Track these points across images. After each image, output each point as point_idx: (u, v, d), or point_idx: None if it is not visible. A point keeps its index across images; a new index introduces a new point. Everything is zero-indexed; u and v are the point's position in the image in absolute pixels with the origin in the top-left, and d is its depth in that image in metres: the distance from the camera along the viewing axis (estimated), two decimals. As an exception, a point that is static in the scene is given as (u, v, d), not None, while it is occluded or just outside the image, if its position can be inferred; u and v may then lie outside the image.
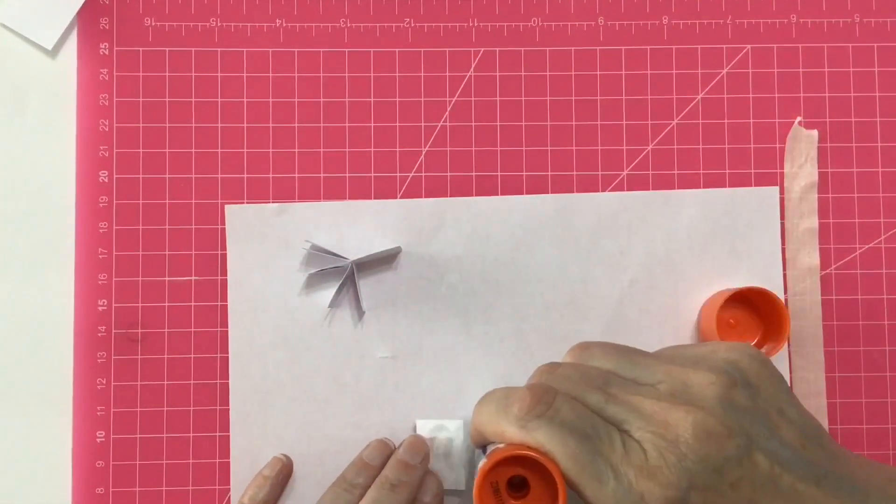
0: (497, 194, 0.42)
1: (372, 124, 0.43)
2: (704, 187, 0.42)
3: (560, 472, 0.29)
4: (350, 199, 0.42)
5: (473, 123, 0.43)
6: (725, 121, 0.43)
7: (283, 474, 0.40)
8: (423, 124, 0.43)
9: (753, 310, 0.41)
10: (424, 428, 0.40)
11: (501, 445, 0.31)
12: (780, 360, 0.41)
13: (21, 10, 0.42)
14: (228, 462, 0.41)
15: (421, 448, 0.39)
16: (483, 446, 0.34)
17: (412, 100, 0.43)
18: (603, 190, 0.42)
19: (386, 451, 0.40)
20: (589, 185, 0.42)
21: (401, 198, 0.42)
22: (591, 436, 0.29)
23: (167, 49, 0.42)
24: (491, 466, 0.30)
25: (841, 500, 0.29)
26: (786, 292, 0.42)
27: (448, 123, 0.43)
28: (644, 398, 0.30)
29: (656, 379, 0.31)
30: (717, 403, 0.29)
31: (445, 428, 0.40)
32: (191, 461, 0.41)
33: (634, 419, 0.30)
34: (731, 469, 0.28)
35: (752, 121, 0.43)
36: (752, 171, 0.43)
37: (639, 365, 0.32)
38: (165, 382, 0.41)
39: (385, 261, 0.42)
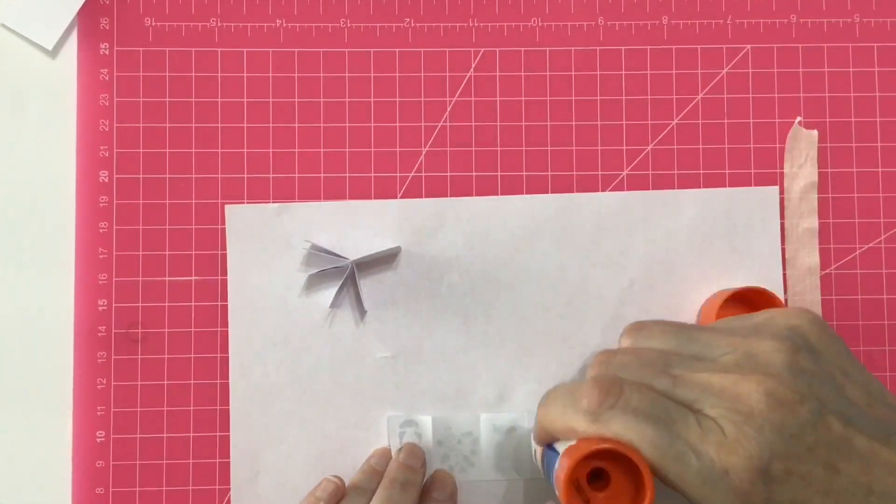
0: (497, 194, 0.42)
1: (372, 124, 0.43)
2: (704, 187, 0.42)
3: (644, 460, 0.29)
4: (350, 199, 0.42)
5: (473, 123, 0.43)
6: (725, 121, 0.43)
7: (336, 497, 0.38)
8: (423, 124, 0.43)
9: (753, 309, 0.41)
10: (395, 422, 0.41)
11: (573, 442, 0.31)
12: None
13: (21, 10, 0.42)
14: (228, 462, 0.41)
15: (420, 453, 0.40)
16: (549, 444, 0.34)
17: (412, 100, 0.43)
18: (603, 190, 0.42)
19: (389, 457, 0.40)
20: (589, 185, 0.42)
21: (401, 198, 0.42)
22: (665, 420, 0.29)
23: (167, 49, 0.42)
24: (573, 464, 0.30)
25: None
26: (786, 292, 0.42)
27: (448, 123, 0.43)
28: (711, 374, 0.30)
29: (720, 352, 0.31)
30: (786, 370, 0.30)
31: (415, 423, 0.40)
32: (191, 461, 0.41)
33: (706, 397, 0.30)
34: (808, 433, 0.29)
35: (752, 121, 0.43)
36: (752, 171, 0.43)
37: (698, 341, 0.32)
38: (165, 382, 0.41)
39: (385, 261, 0.42)
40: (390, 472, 0.38)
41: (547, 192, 0.42)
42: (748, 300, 0.40)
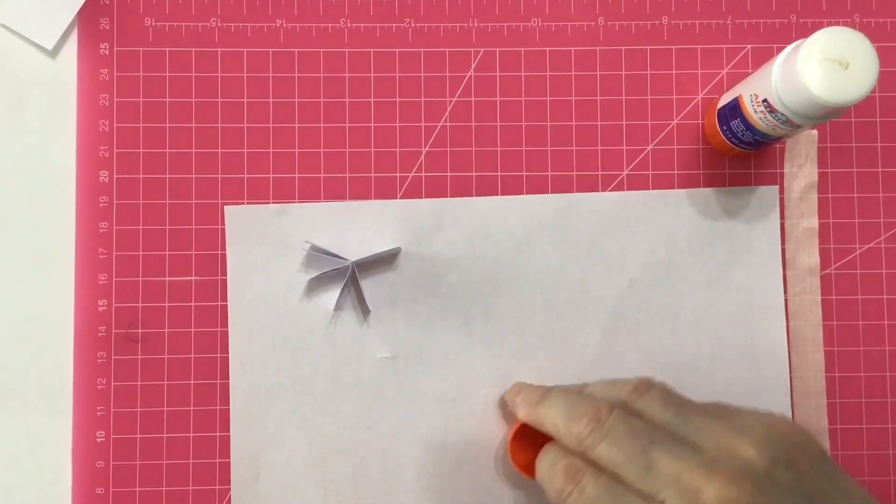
0: (497, 194, 0.42)
1: (372, 124, 0.43)
2: (704, 187, 0.42)
3: None
4: (350, 199, 0.42)
5: (473, 123, 0.43)
6: (725, 121, 0.43)
7: None
8: (423, 124, 0.43)
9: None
10: None
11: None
12: (779, 362, 0.42)
13: (21, 10, 0.42)
14: (228, 462, 0.41)
15: None
16: None
17: (412, 100, 0.43)
18: (603, 190, 0.42)
19: None
20: (589, 185, 0.42)
21: (401, 198, 0.42)
22: None
23: (167, 49, 0.42)
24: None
25: None
26: (785, 292, 0.42)
27: (448, 123, 0.43)
28: (684, 467, 0.30)
29: (703, 443, 0.32)
30: (758, 478, 0.30)
31: None
32: (191, 461, 0.41)
33: (669, 490, 0.30)
34: None
35: (752, 121, 0.43)
36: (752, 171, 0.43)
37: (691, 424, 0.33)
38: (165, 382, 0.41)
39: (385, 261, 0.42)
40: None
41: (547, 192, 0.42)
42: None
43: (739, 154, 0.41)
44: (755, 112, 0.37)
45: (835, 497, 0.31)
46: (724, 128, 0.40)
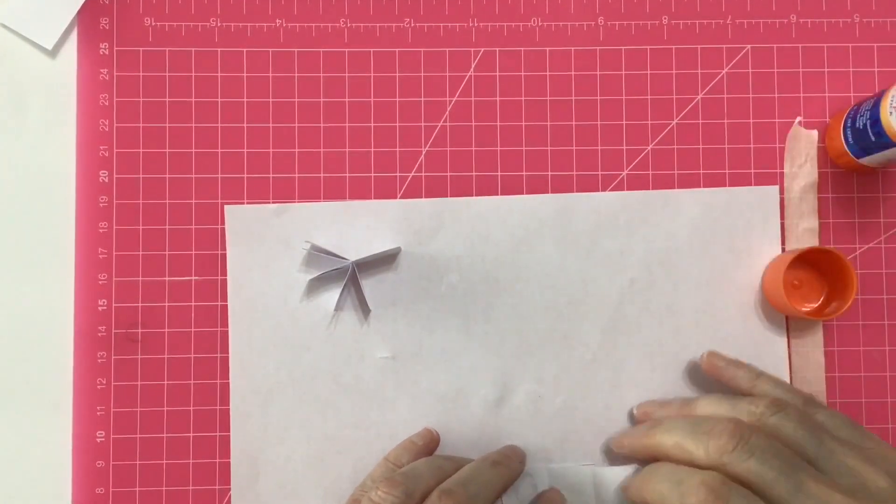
0: (497, 194, 0.42)
1: (372, 124, 0.43)
2: (704, 187, 0.42)
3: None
4: (350, 199, 0.42)
5: (473, 123, 0.43)
6: (725, 121, 0.43)
7: (431, 447, 0.40)
8: (423, 124, 0.43)
9: (817, 271, 0.41)
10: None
11: None
12: (779, 361, 0.41)
13: (21, 10, 0.42)
14: (228, 462, 0.41)
15: (521, 452, 0.40)
16: None
17: (412, 100, 0.43)
18: (603, 190, 0.42)
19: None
20: (589, 185, 0.42)
21: (401, 198, 0.42)
22: None
23: (167, 49, 0.42)
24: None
25: None
26: (786, 292, 0.42)
27: (448, 123, 0.43)
28: (833, 491, 0.31)
29: (839, 468, 0.32)
30: None
31: (530, 475, 0.40)
32: (191, 461, 0.41)
33: None
34: None
35: (752, 121, 0.43)
36: (752, 170, 0.43)
37: (825, 447, 0.33)
38: (165, 382, 0.41)
39: (385, 261, 0.42)
40: (490, 454, 0.38)
41: (547, 192, 0.42)
42: (811, 261, 0.40)
43: (853, 165, 0.41)
44: (892, 112, 0.37)
45: None
46: (848, 127, 0.40)
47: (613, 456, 0.41)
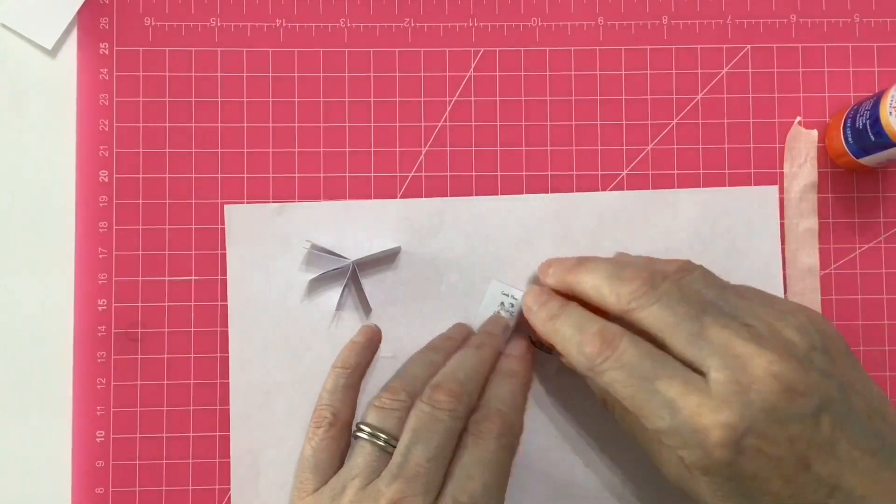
0: (497, 194, 0.42)
1: (372, 124, 0.43)
2: (704, 187, 0.42)
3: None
4: (350, 198, 0.42)
5: (473, 123, 0.43)
6: (725, 121, 0.43)
7: (374, 341, 0.40)
8: (423, 124, 0.43)
9: None
10: (497, 288, 0.41)
11: None
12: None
13: (21, 10, 0.42)
14: (228, 462, 0.41)
15: (501, 321, 0.40)
16: None
17: (412, 100, 0.43)
18: (603, 190, 0.42)
19: (466, 329, 0.41)
20: (589, 185, 0.42)
21: (401, 198, 0.42)
22: (650, 376, 0.31)
23: (167, 49, 0.42)
24: None
25: (893, 472, 0.30)
26: (785, 292, 0.42)
27: (448, 123, 0.43)
28: (735, 336, 0.31)
29: (747, 317, 0.32)
30: (800, 359, 0.30)
31: (513, 297, 0.41)
32: (191, 461, 0.41)
33: (716, 357, 0.31)
34: (794, 424, 0.29)
35: (751, 121, 0.43)
36: (752, 170, 0.43)
37: (733, 305, 0.33)
38: (165, 382, 0.41)
39: (385, 261, 0.42)
40: (472, 339, 0.39)
41: (547, 192, 0.42)
42: None
43: (853, 165, 0.41)
44: (892, 112, 0.37)
45: (857, 386, 0.32)
46: (848, 127, 0.40)
47: (605, 443, 0.41)
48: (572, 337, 0.34)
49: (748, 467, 0.30)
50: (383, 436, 0.34)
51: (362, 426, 0.35)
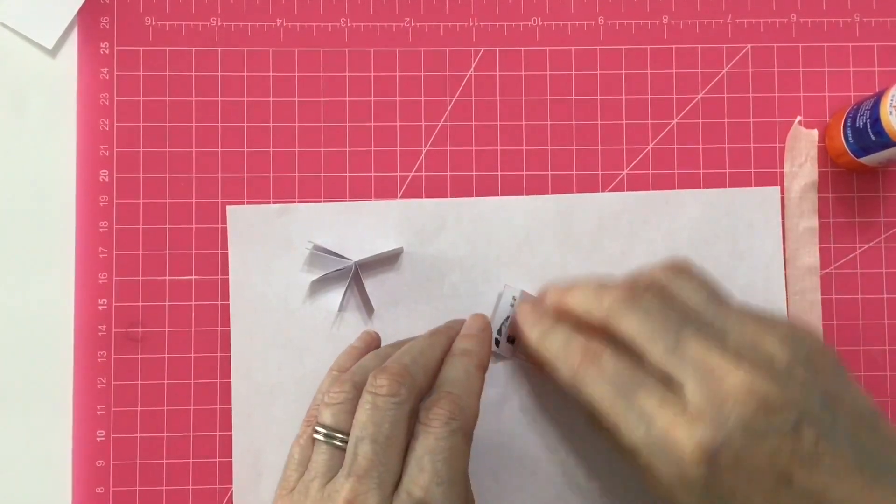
0: (497, 194, 0.42)
1: (372, 124, 0.43)
2: (704, 187, 0.42)
3: None
4: (350, 198, 0.42)
5: (473, 123, 0.43)
6: (725, 120, 0.43)
7: (372, 346, 0.40)
8: (423, 124, 0.43)
9: None
10: (508, 293, 0.41)
11: None
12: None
13: (21, 9, 0.42)
14: (229, 461, 0.41)
15: (481, 319, 0.39)
16: None
17: (412, 99, 0.43)
18: (603, 189, 0.42)
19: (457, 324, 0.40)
20: (589, 185, 0.43)
21: (401, 197, 0.42)
22: (629, 387, 0.32)
23: (167, 48, 0.42)
24: None
25: (882, 490, 0.29)
26: (785, 292, 0.42)
27: (448, 123, 0.43)
28: (711, 351, 0.31)
29: (728, 330, 0.32)
30: (779, 373, 0.30)
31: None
32: (191, 460, 0.41)
33: (692, 372, 0.31)
34: (772, 439, 0.29)
35: (752, 120, 0.43)
36: (752, 170, 0.43)
37: (721, 311, 0.33)
38: (165, 382, 0.41)
39: (387, 261, 0.42)
40: (431, 329, 0.39)
41: (547, 192, 0.42)
42: None
43: (853, 164, 0.41)
44: (892, 112, 0.37)
45: (845, 399, 0.31)
46: (848, 126, 0.40)
47: (607, 450, 0.41)
48: (558, 352, 0.35)
49: (726, 483, 0.29)
50: (339, 435, 0.34)
51: (317, 427, 0.35)
